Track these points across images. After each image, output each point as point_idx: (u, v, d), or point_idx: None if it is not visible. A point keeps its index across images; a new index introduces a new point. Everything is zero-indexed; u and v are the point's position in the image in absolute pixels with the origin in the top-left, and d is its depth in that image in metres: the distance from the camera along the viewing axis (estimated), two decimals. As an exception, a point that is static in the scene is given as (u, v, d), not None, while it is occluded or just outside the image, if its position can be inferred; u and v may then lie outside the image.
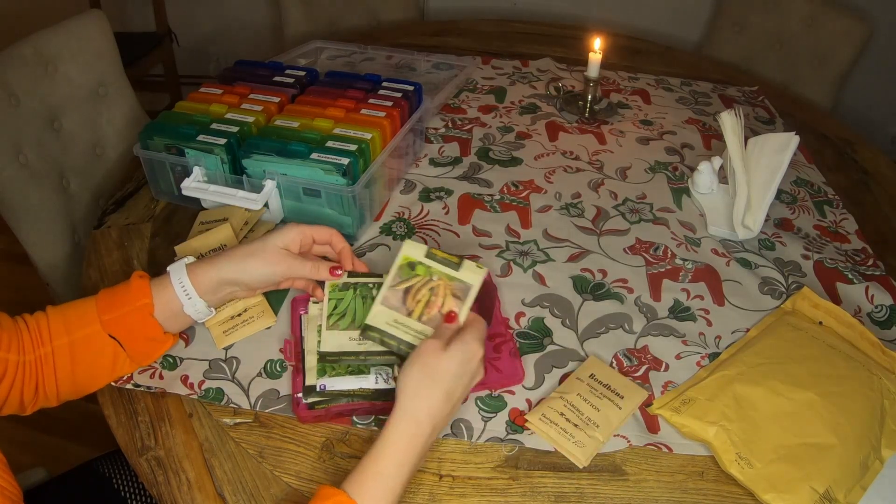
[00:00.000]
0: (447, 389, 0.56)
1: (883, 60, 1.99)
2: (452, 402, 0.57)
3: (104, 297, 0.63)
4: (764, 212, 0.89)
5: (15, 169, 0.96)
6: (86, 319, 0.62)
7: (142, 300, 0.63)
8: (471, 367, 0.58)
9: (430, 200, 0.96)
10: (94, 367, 0.63)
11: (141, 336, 0.64)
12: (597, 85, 1.19)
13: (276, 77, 1.00)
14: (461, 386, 0.58)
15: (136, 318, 0.63)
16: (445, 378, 0.56)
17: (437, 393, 0.56)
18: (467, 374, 0.58)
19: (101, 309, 0.62)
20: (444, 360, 0.57)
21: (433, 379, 0.56)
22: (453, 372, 0.57)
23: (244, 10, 2.35)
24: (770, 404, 0.64)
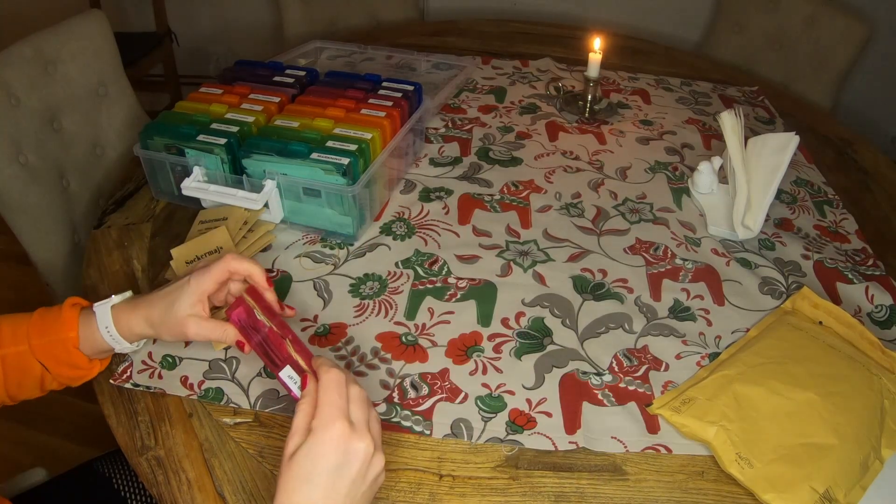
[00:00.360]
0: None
1: (883, 60, 1.99)
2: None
3: (38, 319, 0.63)
4: (764, 212, 0.89)
5: (15, 169, 0.96)
6: (17, 338, 0.62)
7: (67, 333, 0.63)
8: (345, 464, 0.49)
9: (430, 200, 0.96)
10: (23, 382, 0.64)
11: (65, 364, 0.63)
12: (597, 85, 1.19)
13: (276, 77, 1.00)
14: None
15: (61, 349, 0.63)
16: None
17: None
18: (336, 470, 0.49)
19: (31, 331, 0.62)
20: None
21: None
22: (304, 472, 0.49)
23: (244, 10, 2.35)
24: (770, 404, 0.64)
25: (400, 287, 0.81)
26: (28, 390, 0.65)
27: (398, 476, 0.61)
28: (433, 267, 0.84)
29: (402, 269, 0.84)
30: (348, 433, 0.49)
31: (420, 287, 0.81)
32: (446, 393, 0.68)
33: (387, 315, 0.77)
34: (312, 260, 0.84)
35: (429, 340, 0.74)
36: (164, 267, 0.82)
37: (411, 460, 0.62)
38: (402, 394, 0.68)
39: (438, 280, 0.82)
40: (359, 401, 0.52)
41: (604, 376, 0.71)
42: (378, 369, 0.70)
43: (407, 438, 0.64)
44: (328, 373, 0.52)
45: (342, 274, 0.82)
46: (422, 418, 0.66)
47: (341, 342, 0.73)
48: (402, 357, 0.72)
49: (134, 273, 0.82)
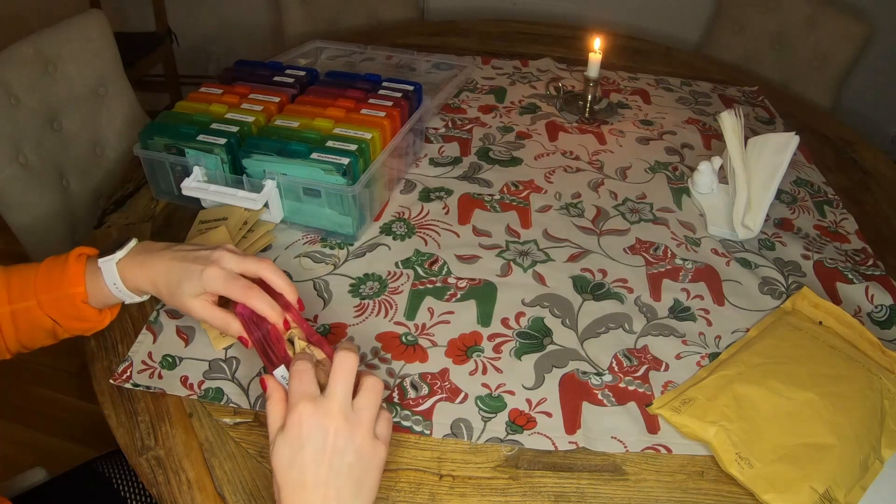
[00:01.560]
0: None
1: (883, 60, 1.99)
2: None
3: (44, 272, 0.63)
4: (764, 212, 0.89)
5: (15, 169, 0.96)
6: (26, 293, 0.62)
7: (74, 288, 0.62)
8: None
9: (430, 200, 0.96)
10: (35, 334, 0.64)
11: (74, 318, 0.64)
12: (597, 85, 1.19)
13: (276, 77, 1.00)
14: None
15: (68, 304, 0.63)
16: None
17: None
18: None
19: (39, 286, 0.62)
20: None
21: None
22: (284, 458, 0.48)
23: (244, 10, 2.35)
24: (770, 404, 0.64)
25: (400, 287, 0.81)
26: (41, 340, 0.65)
27: (398, 476, 0.61)
28: (433, 267, 0.84)
29: (402, 269, 0.84)
30: (304, 414, 0.48)
31: (420, 287, 0.81)
32: (446, 393, 0.68)
33: (387, 315, 0.77)
34: (312, 260, 0.84)
35: (429, 340, 0.74)
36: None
37: (411, 460, 0.62)
38: (402, 394, 0.68)
39: (438, 280, 0.82)
40: (341, 372, 0.50)
41: (604, 376, 0.71)
42: (378, 369, 0.70)
43: (407, 438, 0.64)
44: (293, 364, 0.51)
45: (342, 274, 0.82)
46: (422, 418, 0.66)
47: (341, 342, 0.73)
48: (402, 357, 0.72)
49: (134, 273, 0.82)
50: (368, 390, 0.51)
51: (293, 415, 0.48)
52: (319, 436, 0.48)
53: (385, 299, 0.79)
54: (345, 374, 0.50)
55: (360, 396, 0.50)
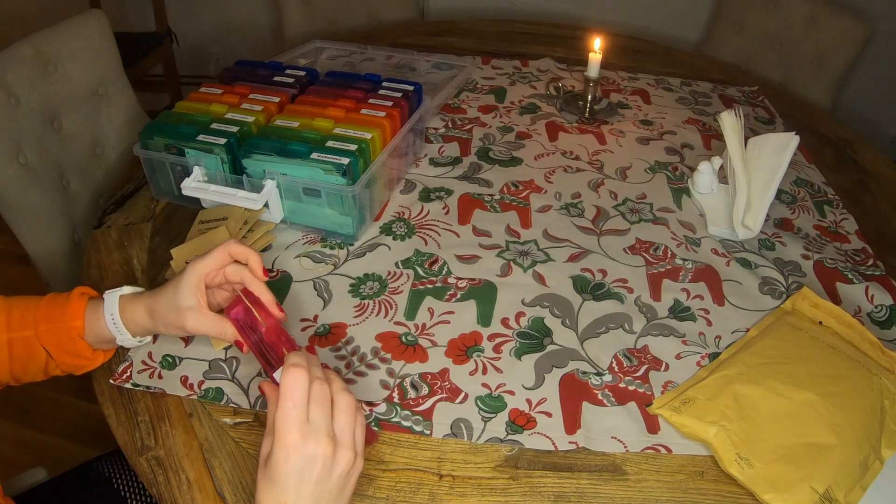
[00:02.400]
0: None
1: (883, 60, 1.99)
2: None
3: (46, 305, 0.64)
4: (764, 212, 0.89)
5: (15, 169, 0.96)
6: (25, 323, 0.63)
7: (72, 321, 0.63)
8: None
9: (430, 200, 0.96)
10: (28, 366, 0.64)
11: (68, 352, 0.64)
12: (597, 85, 1.19)
13: (276, 77, 1.00)
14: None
15: (65, 337, 0.63)
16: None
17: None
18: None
19: (39, 316, 0.63)
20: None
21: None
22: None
23: (244, 10, 2.35)
24: (770, 404, 0.64)
25: (400, 287, 0.81)
26: (32, 374, 0.65)
27: (398, 476, 0.61)
28: (433, 267, 0.84)
29: (402, 269, 0.84)
30: (299, 442, 0.49)
31: (420, 287, 0.81)
32: (446, 393, 0.68)
33: (387, 315, 0.77)
34: (312, 260, 0.84)
35: (429, 340, 0.74)
36: (164, 267, 0.82)
37: (411, 460, 0.62)
38: (402, 394, 0.68)
39: (438, 280, 0.82)
40: (319, 400, 0.51)
41: (604, 376, 0.71)
42: (378, 369, 0.70)
43: (407, 438, 0.64)
44: (286, 376, 0.51)
45: (342, 274, 0.82)
46: (422, 418, 0.66)
47: (341, 342, 0.73)
48: (402, 357, 0.72)
49: (134, 273, 0.82)
50: (343, 409, 0.52)
51: (281, 442, 0.49)
52: (307, 466, 0.49)
53: (385, 299, 0.79)
54: (326, 401, 0.51)
55: (337, 417, 0.51)
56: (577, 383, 0.70)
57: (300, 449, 0.49)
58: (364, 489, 0.60)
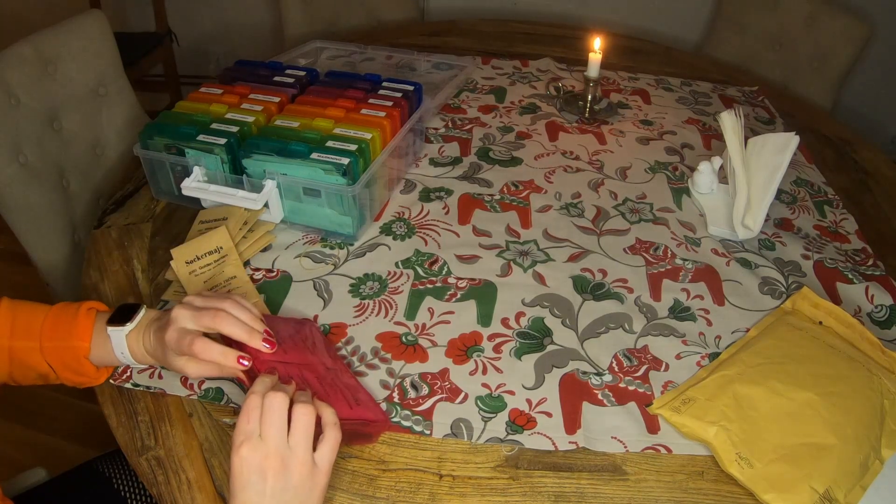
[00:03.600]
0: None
1: (883, 60, 1.99)
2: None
3: (52, 318, 0.63)
4: (764, 212, 0.89)
5: (15, 169, 0.96)
6: (30, 333, 0.62)
7: (79, 342, 0.62)
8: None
9: (430, 200, 0.96)
10: (27, 373, 0.64)
11: (72, 370, 0.64)
12: (597, 85, 1.19)
13: (276, 77, 1.00)
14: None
15: (70, 356, 0.63)
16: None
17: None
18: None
19: (45, 330, 0.62)
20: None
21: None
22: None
23: (244, 10, 2.35)
24: (770, 404, 0.64)
25: (400, 287, 0.81)
26: (31, 380, 0.65)
27: (398, 476, 0.61)
28: (433, 267, 0.84)
29: (402, 269, 0.84)
30: (249, 455, 0.50)
31: (420, 287, 0.81)
32: (446, 393, 0.68)
33: (387, 315, 0.77)
34: (312, 260, 0.84)
35: (429, 340, 0.74)
36: (164, 267, 0.82)
37: (411, 460, 0.62)
38: (402, 394, 0.68)
39: (438, 280, 0.82)
40: (272, 417, 0.51)
41: (604, 376, 0.71)
42: (378, 369, 0.70)
43: (407, 438, 0.64)
44: (245, 399, 0.52)
45: (342, 274, 0.82)
46: (422, 418, 0.66)
47: (341, 342, 0.73)
48: (402, 357, 0.72)
49: (134, 273, 0.82)
50: (298, 423, 0.52)
51: (235, 456, 0.50)
52: (258, 479, 0.50)
53: (385, 299, 0.79)
54: (275, 417, 0.51)
55: (292, 433, 0.52)
56: (577, 383, 0.70)
57: (250, 462, 0.50)
58: (364, 489, 0.60)
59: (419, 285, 0.81)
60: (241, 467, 0.50)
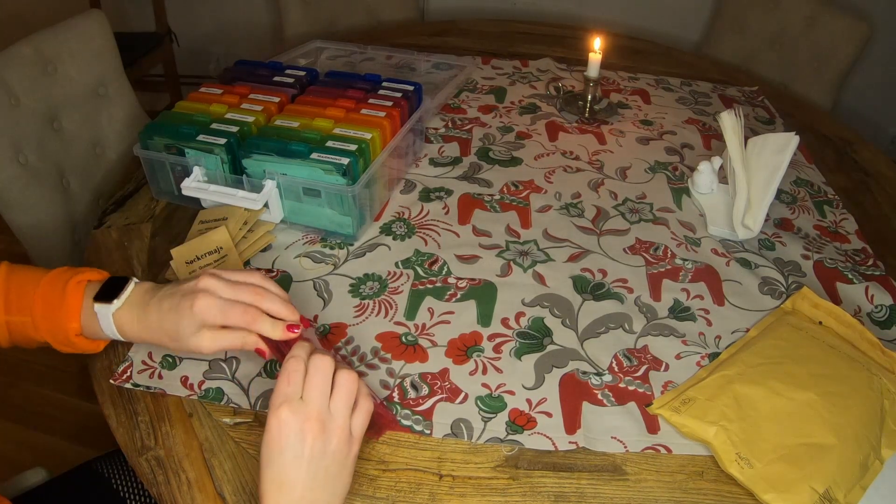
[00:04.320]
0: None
1: (883, 60, 1.99)
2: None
3: (44, 293, 0.62)
4: (764, 212, 0.89)
5: (15, 169, 0.96)
6: (23, 307, 0.62)
7: (69, 323, 0.62)
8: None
9: (430, 200, 0.96)
10: (29, 343, 0.65)
11: (67, 345, 0.64)
12: (597, 85, 1.19)
13: (276, 77, 1.00)
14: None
15: (62, 336, 0.62)
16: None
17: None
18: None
19: (36, 309, 0.62)
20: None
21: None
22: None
23: (244, 10, 2.35)
24: (770, 404, 0.64)
25: (400, 287, 0.81)
26: (35, 346, 0.66)
27: (398, 476, 0.61)
28: (433, 267, 0.84)
29: (402, 269, 0.84)
30: (289, 417, 0.49)
31: (420, 287, 0.81)
32: (446, 393, 0.68)
33: (387, 315, 0.77)
34: (312, 260, 0.84)
35: (429, 340, 0.74)
36: (164, 267, 0.82)
37: (411, 460, 0.62)
38: (402, 394, 0.68)
39: (438, 280, 0.82)
40: (316, 379, 0.51)
41: (604, 376, 0.71)
42: (378, 369, 0.70)
43: (407, 438, 0.64)
44: (286, 362, 0.52)
45: (342, 274, 0.82)
46: (422, 418, 0.66)
47: (341, 342, 0.73)
48: (402, 357, 0.72)
49: (134, 273, 0.82)
50: (341, 388, 0.52)
51: (273, 418, 0.50)
52: (297, 441, 0.50)
53: (385, 299, 0.79)
54: (320, 379, 0.51)
55: (334, 397, 0.52)
56: (577, 383, 0.70)
57: (290, 424, 0.50)
58: (364, 489, 0.60)
59: (419, 285, 0.81)
60: (280, 429, 0.49)
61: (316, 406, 0.50)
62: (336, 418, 0.51)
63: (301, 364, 0.52)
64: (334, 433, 0.51)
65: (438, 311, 0.78)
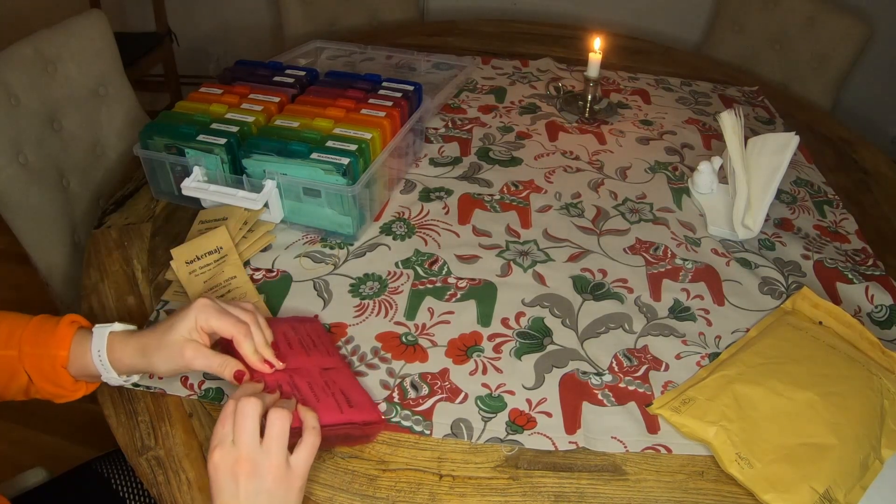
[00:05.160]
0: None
1: (883, 60, 1.99)
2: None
3: (34, 327, 0.62)
4: (764, 212, 0.89)
5: (15, 169, 0.96)
6: (11, 342, 0.61)
7: (57, 350, 0.61)
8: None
9: (430, 200, 0.96)
10: (10, 384, 0.62)
11: (49, 380, 0.62)
12: (597, 85, 1.19)
13: (276, 77, 1.00)
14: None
15: (48, 364, 0.61)
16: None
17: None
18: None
19: (25, 338, 0.61)
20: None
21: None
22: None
23: (244, 10, 2.35)
24: (770, 404, 0.64)
25: (400, 287, 0.81)
26: (13, 393, 0.64)
27: (398, 476, 0.61)
28: (433, 267, 0.84)
29: (402, 269, 0.84)
30: (219, 459, 0.51)
31: (420, 287, 0.81)
32: (446, 393, 0.68)
33: (387, 315, 0.77)
34: (312, 260, 0.84)
35: (429, 340, 0.74)
36: (164, 267, 0.82)
37: (411, 460, 0.62)
38: (402, 394, 0.68)
39: (438, 280, 0.82)
40: (244, 423, 0.51)
41: (604, 376, 0.71)
42: (378, 369, 0.70)
43: (407, 438, 0.64)
44: (224, 405, 0.53)
45: (342, 274, 0.82)
46: (422, 418, 0.66)
47: (341, 342, 0.73)
48: (402, 357, 0.72)
49: (134, 273, 0.82)
50: (272, 427, 0.52)
51: (209, 462, 0.51)
52: (231, 483, 0.51)
53: (385, 299, 0.79)
54: (247, 422, 0.52)
55: (266, 436, 0.52)
56: (577, 383, 0.70)
57: (221, 467, 0.51)
58: (364, 489, 0.60)
59: (419, 285, 0.81)
60: (215, 472, 0.51)
61: (245, 447, 0.51)
62: (269, 456, 0.51)
63: (234, 406, 0.53)
64: (268, 471, 0.51)
65: (438, 311, 0.78)
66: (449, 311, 0.78)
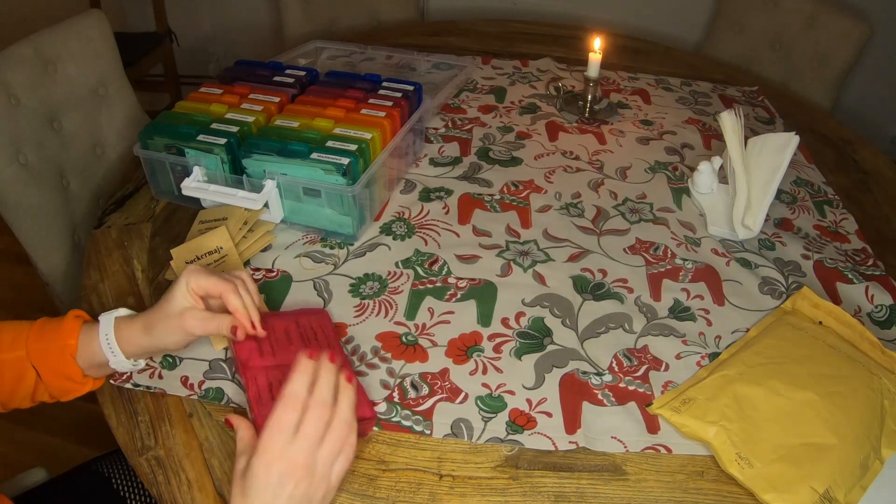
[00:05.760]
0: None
1: (883, 60, 1.99)
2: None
3: (39, 326, 0.63)
4: (764, 212, 0.89)
5: (15, 169, 0.96)
6: (16, 343, 0.62)
7: (66, 340, 0.62)
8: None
9: (430, 200, 0.96)
10: (16, 389, 0.63)
11: (59, 374, 0.63)
12: (597, 85, 1.19)
13: (276, 77, 1.00)
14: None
15: (57, 356, 0.62)
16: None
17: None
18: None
19: (32, 336, 0.62)
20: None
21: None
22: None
23: (244, 10, 2.35)
24: (770, 404, 0.64)
25: (400, 287, 0.81)
26: (19, 399, 0.64)
27: (398, 476, 0.61)
28: (433, 267, 0.84)
29: (402, 268, 0.84)
30: (279, 452, 0.50)
31: (420, 287, 0.81)
32: (446, 393, 0.68)
33: (387, 315, 0.77)
34: (312, 260, 0.84)
35: (429, 340, 0.74)
36: (164, 267, 0.82)
37: (411, 460, 0.62)
38: (403, 394, 0.68)
39: (438, 280, 0.82)
40: (309, 429, 0.51)
41: (604, 376, 0.71)
42: (378, 369, 0.70)
43: (407, 438, 0.64)
44: (281, 401, 0.52)
45: (342, 274, 0.82)
46: (422, 418, 0.66)
47: (341, 342, 0.73)
48: (402, 357, 0.72)
49: (134, 273, 0.82)
50: (333, 435, 0.52)
51: (265, 453, 0.50)
52: (280, 482, 0.50)
53: (385, 299, 0.79)
54: (319, 422, 0.52)
55: (325, 444, 0.52)
56: (577, 383, 0.70)
57: (276, 462, 0.50)
58: (364, 489, 0.60)
59: (419, 285, 0.81)
60: (269, 466, 0.51)
61: (305, 452, 0.51)
62: (324, 468, 0.52)
63: (296, 410, 0.52)
64: (319, 483, 0.52)
65: (438, 311, 0.78)
66: (449, 311, 0.78)
